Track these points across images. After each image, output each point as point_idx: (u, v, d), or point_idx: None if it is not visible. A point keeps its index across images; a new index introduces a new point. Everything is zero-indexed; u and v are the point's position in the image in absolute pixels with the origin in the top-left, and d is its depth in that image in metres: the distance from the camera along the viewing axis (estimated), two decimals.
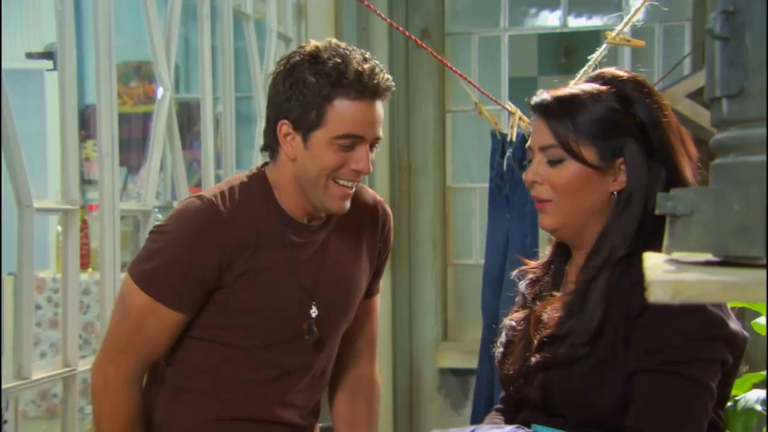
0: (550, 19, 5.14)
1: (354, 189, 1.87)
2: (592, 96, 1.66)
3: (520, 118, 3.04)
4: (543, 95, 1.71)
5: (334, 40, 1.85)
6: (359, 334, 2.12)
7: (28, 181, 2.18)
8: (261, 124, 3.75)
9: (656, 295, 0.87)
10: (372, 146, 1.84)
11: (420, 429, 5.06)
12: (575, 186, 1.66)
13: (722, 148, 0.96)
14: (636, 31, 3.56)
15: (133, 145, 5.00)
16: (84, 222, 4.06)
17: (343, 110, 1.77)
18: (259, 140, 3.81)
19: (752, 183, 0.89)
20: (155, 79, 2.90)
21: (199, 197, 1.88)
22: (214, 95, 3.29)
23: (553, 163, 1.66)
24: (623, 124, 1.65)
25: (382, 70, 1.82)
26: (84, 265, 4.00)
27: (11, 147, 2.12)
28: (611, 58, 4.24)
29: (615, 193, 1.66)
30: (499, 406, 1.90)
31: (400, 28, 2.84)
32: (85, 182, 4.77)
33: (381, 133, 1.84)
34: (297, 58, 1.81)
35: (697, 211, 0.94)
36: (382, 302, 4.73)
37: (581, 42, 5.09)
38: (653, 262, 1.02)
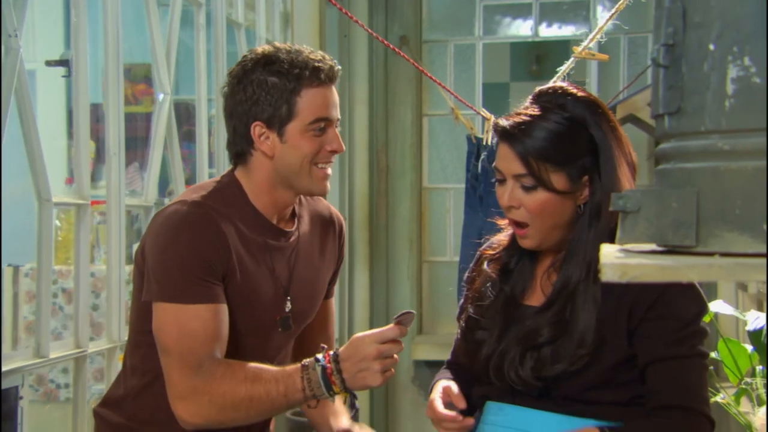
0: (522, 29, 5.33)
1: (330, 170, 2.00)
2: (553, 122, 1.76)
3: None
4: (507, 122, 1.78)
5: (276, 44, 1.98)
6: (319, 333, 2.22)
7: (48, 177, 2.33)
8: None
9: (607, 275, 1.03)
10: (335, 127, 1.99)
11: (395, 418, 5.22)
12: (549, 210, 1.78)
13: (664, 156, 1.13)
14: (602, 43, 3.75)
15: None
16: None
17: (310, 98, 1.91)
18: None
19: (687, 185, 1.04)
20: (143, 80, 3.06)
21: (182, 202, 1.92)
22: (207, 98, 3.43)
23: (527, 188, 1.77)
24: (583, 146, 1.77)
25: (331, 58, 1.97)
26: None
27: (32, 144, 2.27)
28: (580, 68, 4.45)
29: (581, 205, 1.79)
30: (447, 370, 2.03)
31: (380, 38, 3.00)
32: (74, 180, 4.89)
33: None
34: (249, 65, 1.92)
35: (643, 208, 1.09)
36: (361, 296, 4.96)
37: (552, 50, 5.29)
38: (607, 251, 1.19)
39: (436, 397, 1.88)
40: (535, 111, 1.79)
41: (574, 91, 1.82)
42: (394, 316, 1.85)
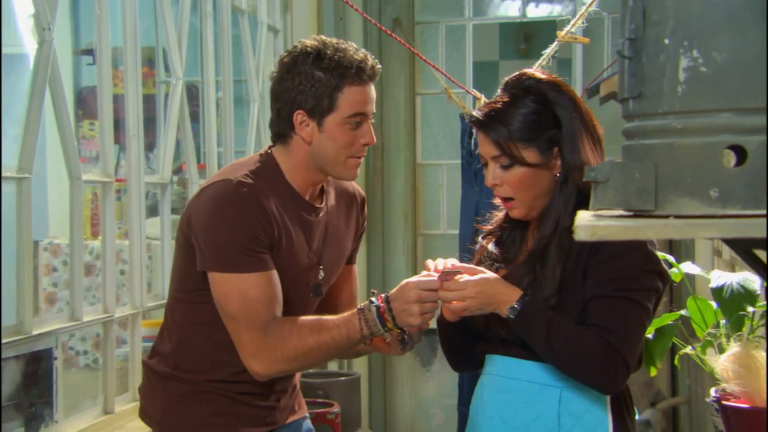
0: (510, 9, 5.48)
1: (362, 159, 2.20)
2: (518, 105, 1.98)
3: (485, 103, 3.37)
4: (480, 113, 2.03)
5: (325, 39, 2.14)
6: (344, 292, 2.44)
7: (78, 156, 2.51)
8: (254, 106, 4.09)
9: (580, 234, 1.18)
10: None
11: (392, 383, 5.41)
12: (527, 183, 2.00)
13: (629, 134, 1.28)
14: (589, 21, 3.87)
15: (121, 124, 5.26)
16: (95, 195, 4.33)
17: (350, 95, 2.09)
18: (253, 121, 4.14)
19: (648, 159, 1.19)
20: (146, 63, 3.22)
21: (225, 180, 2.08)
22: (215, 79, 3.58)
23: (505, 167, 2.00)
24: (547, 120, 1.99)
25: (372, 57, 2.15)
26: (95, 233, 4.29)
27: (64, 128, 2.44)
28: (566, 48, 4.62)
29: (558, 174, 2.00)
30: None
31: (374, 21, 3.16)
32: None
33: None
34: (300, 58, 2.10)
35: (611, 178, 1.23)
36: (359, 268, 5.08)
37: (539, 29, 5.44)
38: (582, 216, 1.36)
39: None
40: (503, 98, 2.01)
41: (537, 74, 2.04)
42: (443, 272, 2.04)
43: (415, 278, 2.04)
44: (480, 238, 2.21)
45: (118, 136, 3.31)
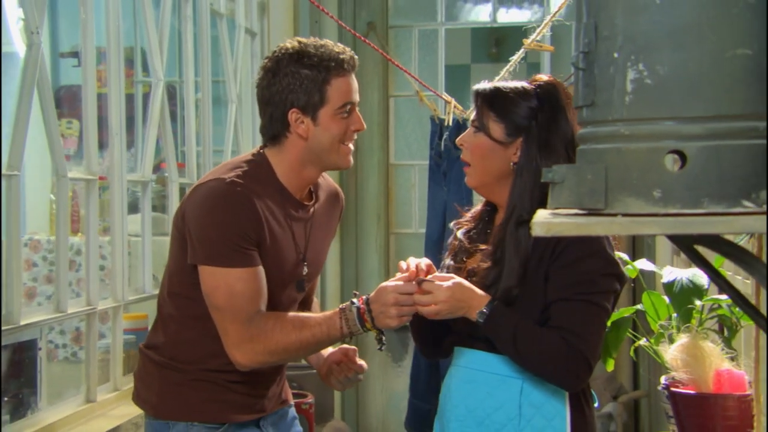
0: (481, 14, 5.59)
1: (353, 146, 2.30)
2: (516, 90, 2.11)
3: (454, 106, 3.49)
4: (483, 84, 2.16)
5: (302, 39, 2.22)
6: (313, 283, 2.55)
7: (63, 154, 2.59)
8: (231, 107, 4.17)
9: (536, 230, 1.27)
10: None
11: (365, 379, 5.50)
12: (482, 153, 2.13)
13: (582, 139, 1.36)
14: (555, 28, 3.98)
15: (103, 123, 5.32)
16: (74, 192, 4.38)
17: (338, 86, 2.19)
18: (231, 121, 4.22)
19: (599, 162, 1.27)
20: (125, 63, 3.30)
21: (218, 179, 2.17)
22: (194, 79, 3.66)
23: (475, 130, 2.14)
24: (531, 114, 2.09)
25: (350, 50, 2.26)
26: (75, 230, 4.34)
27: (51, 127, 2.52)
28: (535, 54, 4.73)
29: (513, 164, 2.11)
30: None
31: (347, 27, 3.26)
32: None
33: None
34: (283, 60, 2.19)
35: (566, 180, 1.31)
36: (333, 267, 5.20)
37: (509, 34, 5.55)
38: (540, 214, 1.46)
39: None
40: (517, 83, 2.16)
41: (550, 77, 2.18)
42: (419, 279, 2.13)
43: (392, 282, 2.13)
44: (452, 226, 2.31)
45: (99, 134, 3.38)
